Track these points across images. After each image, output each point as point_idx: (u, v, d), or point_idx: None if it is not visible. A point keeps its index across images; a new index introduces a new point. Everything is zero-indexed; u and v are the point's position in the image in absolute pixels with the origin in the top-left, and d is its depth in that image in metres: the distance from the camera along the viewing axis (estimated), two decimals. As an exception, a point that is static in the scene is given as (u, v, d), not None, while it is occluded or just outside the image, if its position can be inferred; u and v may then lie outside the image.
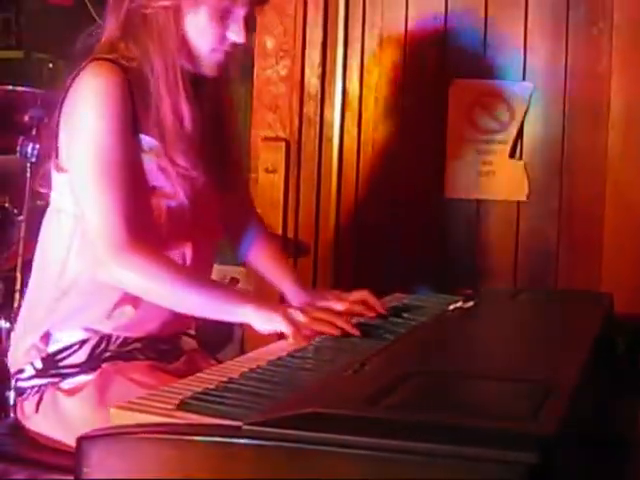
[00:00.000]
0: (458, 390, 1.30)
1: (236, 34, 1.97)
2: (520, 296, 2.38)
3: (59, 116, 1.99)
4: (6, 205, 3.53)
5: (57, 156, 2.01)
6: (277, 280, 2.33)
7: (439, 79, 3.16)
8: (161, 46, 1.95)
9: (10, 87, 3.60)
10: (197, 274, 2.02)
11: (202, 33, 1.97)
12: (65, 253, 1.99)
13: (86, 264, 1.96)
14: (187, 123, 1.96)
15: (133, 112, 1.93)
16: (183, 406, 1.27)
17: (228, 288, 2.08)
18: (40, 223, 2.13)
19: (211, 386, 1.38)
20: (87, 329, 1.98)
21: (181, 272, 1.96)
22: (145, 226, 1.93)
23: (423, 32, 3.18)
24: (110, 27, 2.03)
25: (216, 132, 2.13)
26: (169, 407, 1.28)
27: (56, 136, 2.01)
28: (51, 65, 6.10)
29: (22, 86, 3.83)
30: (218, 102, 2.14)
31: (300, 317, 1.88)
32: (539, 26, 3.07)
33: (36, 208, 4.05)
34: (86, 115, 1.90)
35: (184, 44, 1.97)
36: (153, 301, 1.94)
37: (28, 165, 3.40)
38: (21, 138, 3.40)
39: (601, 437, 1.86)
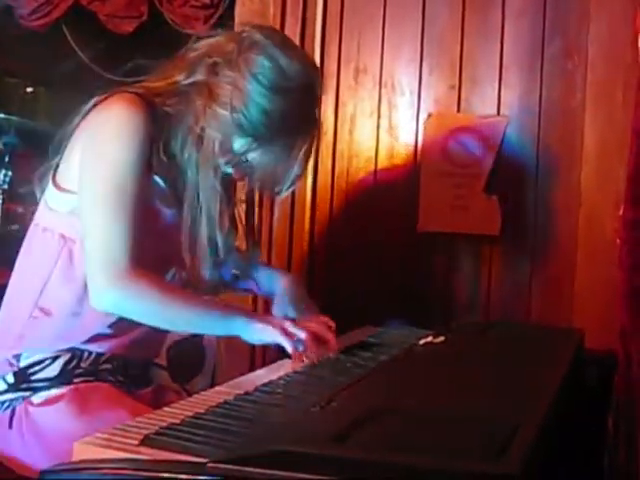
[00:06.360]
0: (425, 429, 1.29)
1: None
2: (491, 330, 2.38)
3: (71, 134, 2.04)
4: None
5: (55, 172, 2.05)
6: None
7: (414, 112, 3.17)
8: (205, 158, 2.02)
9: (-15, 114, 3.60)
10: (190, 292, 2.06)
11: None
12: (47, 272, 2.01)
13: (72, 287, 1.99)
14: None
15: (150, 150, 1.99)
16: (147, 441, 1.27)
17: (220, 303, 2.12)
18: (12, 247, 2.14)
19: (177, 421, 1.37)
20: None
21: (176, 293, 2.00)
22: (145, 253, 1.97)
23: (399, 66, 3.19)
24: (170, 75, 2.09)
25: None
26: (133, 442, 1.27)
27: (61, 152, 2.05)
28: (29, 90, 6.10)
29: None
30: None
31: (295, 329, 1.97)
32: (514, 60, 3.08)
33: (9, 233, 4.05)
34: (110, 143, 1.95)
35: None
36: (151, 324, 2.00)
37: (0, 191, 3.39)
38: (-6, 165, 3.41)
39: (569, 472, 1.85)
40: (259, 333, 1.96)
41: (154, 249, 1.99)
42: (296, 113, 2.00)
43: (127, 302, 1.92)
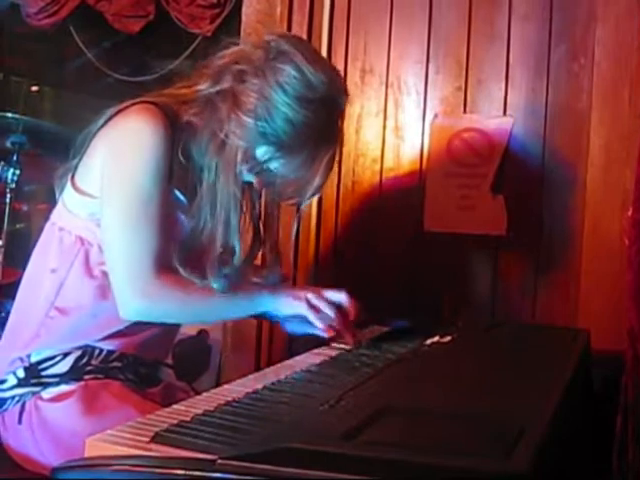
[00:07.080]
0: (433, 428, 1.29)
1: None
2: (498, 330, 2.38)
3: (92, 137, 2.04)
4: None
5: (74, 174, 2.06)
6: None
7: (420, 112, 3.17)
8: (228, 164, 2.01)
9: (-8, 113, 3.59)
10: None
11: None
12: (64, 272, 2.02)
13: (90, 288, 2.01)
14: None
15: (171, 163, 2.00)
16: (158, 438, 1.27)
17: (243, 286, 2.13)
18: (20, 247, 2.14)
19: (186, 418, 1.38)
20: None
21: (200, 289, 2.00)
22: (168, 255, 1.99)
23: (405, 67, 3.19)
24: (196, 83, 2.10)
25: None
26: (144, 439, 1.27)
27: (81, 154, 2.06)
28: (33, 88, 6.10)
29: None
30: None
31: (318, 301, 2.08)
32: (520, 61, 3.07)
33: (17, 231, 4.05)
34: (132, 155, 1.96)
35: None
36: (181, 322, 2.12)
37: (8, 190, 3.39)
38: (1, 163, 3.41)
39: (577, 472, 1.86)
40: (285, 307, 2.07)
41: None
42: (320, 124, 2.00)
43: (155, 309, 1.98)
